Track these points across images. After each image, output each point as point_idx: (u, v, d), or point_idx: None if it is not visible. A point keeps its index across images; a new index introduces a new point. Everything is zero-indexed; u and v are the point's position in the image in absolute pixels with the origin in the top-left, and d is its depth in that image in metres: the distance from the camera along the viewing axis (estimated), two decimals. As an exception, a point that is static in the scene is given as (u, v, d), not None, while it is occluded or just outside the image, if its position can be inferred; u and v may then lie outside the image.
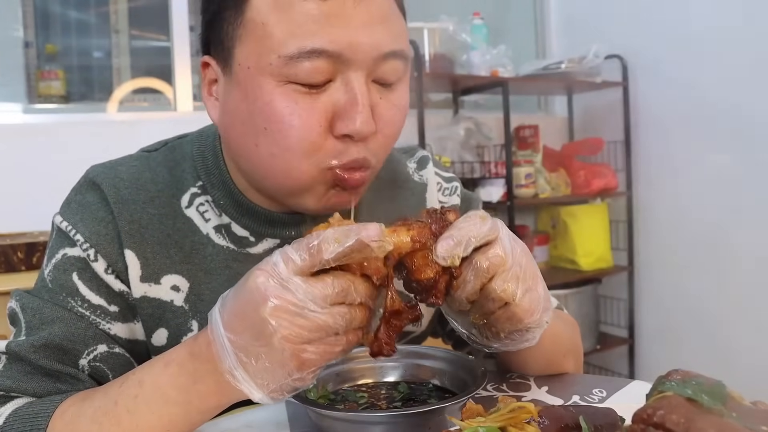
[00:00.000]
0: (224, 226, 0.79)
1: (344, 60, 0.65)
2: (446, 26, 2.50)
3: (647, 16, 2.70)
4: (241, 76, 0.68)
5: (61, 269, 0.74)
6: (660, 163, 2.71)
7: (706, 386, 0.47)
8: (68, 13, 2.47)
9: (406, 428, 0.59)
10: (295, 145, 0.67)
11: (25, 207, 1.88)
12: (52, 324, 0.71)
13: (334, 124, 0.67)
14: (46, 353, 0.69)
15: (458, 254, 0.56)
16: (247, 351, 0.53)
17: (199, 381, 0.58)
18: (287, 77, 0.65)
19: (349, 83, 0.66)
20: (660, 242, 2.73)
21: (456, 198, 0.93)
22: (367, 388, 0.74)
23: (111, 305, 0.74)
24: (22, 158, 2.03)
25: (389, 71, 0.68)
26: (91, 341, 0.72)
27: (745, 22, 2.34)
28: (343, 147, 0.68)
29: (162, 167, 0.80)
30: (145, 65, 2.56)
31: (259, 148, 0.69)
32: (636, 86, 2.76)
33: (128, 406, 0.60)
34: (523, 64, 2.72)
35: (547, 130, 2.88)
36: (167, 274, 0.76)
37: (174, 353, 0.61)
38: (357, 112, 0.65)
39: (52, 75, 2.31)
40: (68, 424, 0.62)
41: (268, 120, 0.66)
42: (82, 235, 0.74)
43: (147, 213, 0.77)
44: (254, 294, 0.53)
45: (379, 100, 0.69)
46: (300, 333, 0.52)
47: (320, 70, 0.65)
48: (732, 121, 2.40)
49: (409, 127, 2.45)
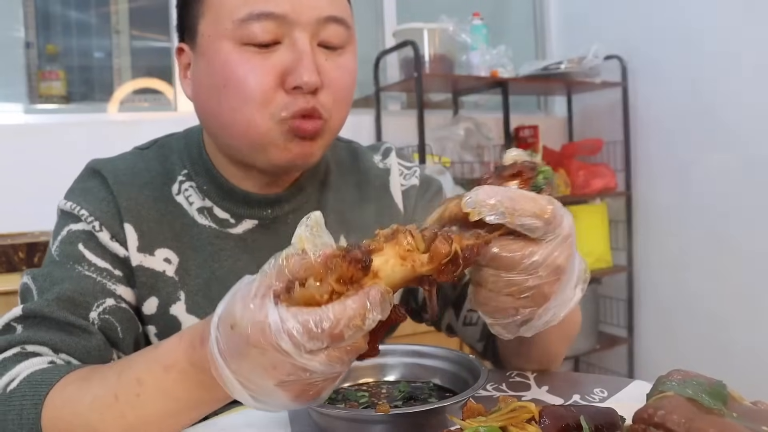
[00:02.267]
0: (207, 208, 0.87)
1: (289, 21, 0.75)
2: (446, 27, 2.50)
3: (647, 17, 2.70)
4: (203, 45, 0.78)
5: (67, 242, 0.80)
6: (659, 163, 2.71)
7: (707, 386, 0.47)
8: (69, 14, 2.47)
9: (407, 427, 0.60)
10: (250, 97, 0.75)
11: (26, 207, 1.88)
12: (62, 282, 0.76)
13: (285, 80, 0.76)
14: (59, 305, 0.74)
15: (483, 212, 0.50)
16: (252, 383, 0.50)
17: (207, 387, 0.56)
18: (241, 39, 0.75)
19: (295, 42, 0.76)
20: (659, 242, 2.73)
21: (414, 179, 0.99)
22: (367, 387, 0.74)
23: (116, 269, 0.81)
24: (23, 158, 2.04)
25: (332, 35, 0.78)
26: (100, 295, 0.78)
27: (745, 22, 2.34)
28: (293, 99, 0.76)
29: (153, 161, 0.89)
30: (146, 65, 2.56)
31: (221, 105, 0.78)
32: (635, 87, 2.76)
33: (132, 403, 0.60)
34: (522, 64, 2.71)
35: (546, 131, 2.88)
36: (160, 247, 0.84)
37: (171, 356, 0.59)
38: (303, 66, 0.75)
39: (53, 75, 2.31)
40: (66, 402, 0.62)
41: (226, 78, 0.76)
42: (87, 210, 0.81)
43: (143, 194, 0.85)
44: (250, 345, 0.48)
45: (325, 61, 0.78)
46: (298, 379, 0.49)
47: (268, 31, 0.75)
48: (731, 121, 2.40)
49: (409, 127, 2.46)
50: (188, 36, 0.82)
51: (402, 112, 2.87)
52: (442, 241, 0.48)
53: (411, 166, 1.00)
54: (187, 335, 0.58)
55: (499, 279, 0.53)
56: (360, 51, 0.85)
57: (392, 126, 2.62)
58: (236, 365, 0.49)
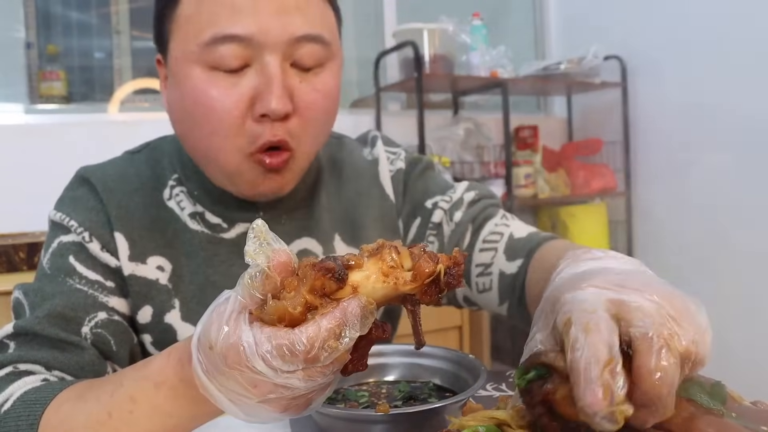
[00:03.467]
0: (199, 213, 0.84)
1: (256, 44, 0.70)
2: (446, 27, 2.50)
3: (646, 17, 2.70)
4: (173, 67, 0.74)
5: (58, 254, 0.78)
6: (659, 163, 2.72)
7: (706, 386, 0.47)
8: (69, 14, 2.47)
9: (407, 427, 0.60)
10: (217, 127, 0.71)
11: (26, 207, 1.87)
12: (53, 297, 0.74)
13: (253, 107, 0.71)
14: (50, 322, 0.72)
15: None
16: (239, 398, 0.49)
17: (198, 403, 0.55)
18: (208, 63, 0.71)
19: (264, 66, 0.70)
20: (659, 242, 2.73)
21: (400, 162, 0.96)
22: (367, 387, 0.74)
23: (107, 281, 0.79)
24: (23, 158, 2.04)
25: (306, 55, 0.72)
26: (92, 309, 0.76)
27: (745, 22, 2.34)
28: (261, 129, 0.72)
29: (144, 165, 0.87)
30: (146, 66, 2.56)
31: (192, 131, 0.75)
32: (635, 87, 2.76)
33: (125, 420, 0.59)
34: (522, 64, 2.72)
35: (546, 131, 2.88)
36: (152, 255, 0.82)
37: (161, 374, 0.57)
38: (270, 92, 0.70)
39: (54, 75, 2.31)
40: (61, 422, 0.62)
41: (194, 104, 0.72)
42: (76, 221, 0.79)
43: (133, 201, 0.82)
44: (228, 366, 0.46)
45: (299, 83, 0.73)
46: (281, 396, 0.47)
47: (235, 55, 0.70)
48: (731, 121, 2.40)
49: (409, 128, 2.46)
50: (161, 49, 0.79)
51: (402, 112, 2.87)
52: (427, 259, 0.45)
53: (396, 151, 0.97)
54: (174, 353, 0.57)
55: None
56: (360, 51, 0.84)
57: (392, 126, 2.62)
58: (220, 384, 0.48)
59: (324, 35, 0.74)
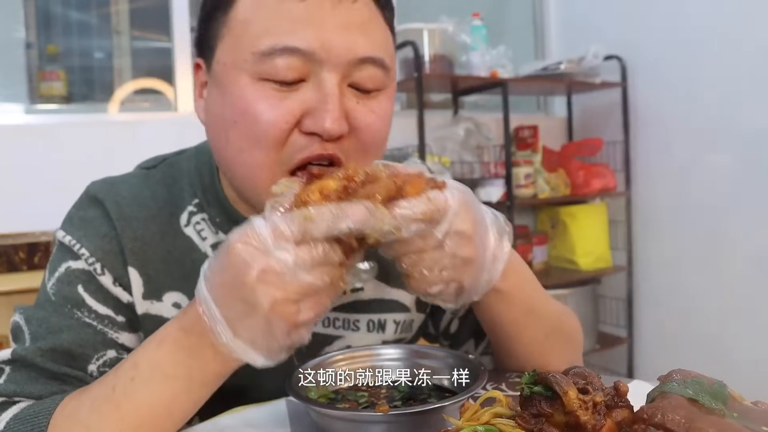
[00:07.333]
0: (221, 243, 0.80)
1: (317, 60, 0.65)
2: (446, 27, 2.50)
3: (646, 17, 2.70)
4: (219, 73, 0.69)
5: (65, 282, 0.73)
6: (659, 163, 2.72)
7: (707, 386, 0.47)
8: (70, 14, 2.47)
9: (406, 427, 0.60)
10: (261, 138, 0.66)
11: (26, 207, 1.88)
12: (59, 332, 0.70)
13: (303, 122, 0.67)
14: (53, 357, 0.69)
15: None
16: (241, 321, 0.55)
17: (196, 354, 0.58)
18: (260, 74, 0.66)
19: (321, 83, 0.66)
20: (659, 242, 2.73)
21: None
22: (367, 387, 0.74)
23: (118, 315, 0.75)
24: (23, 158, 2.04)
25: (366, 78, 0.68)
26: (101, 347, 0.72)
27: (744, 23, 2.34)
28: (307, 143, 0.67)
29: (160, 185, 0.80)
30: (146, 66, 2.56)
31: (229, 142, 0.69)
32: (635, 87, 2.76)
33: (126, 390, 0.60)
34: (522, 64, 2.72)
35: (546, 131, 2.88)
36: (169, 291, 0.77)
37: (165, 331, 0.61)
38: (326, 110, 0.65)
39: (54, 76, 2.31)
40: (68, 417, 0.62)
41: (238, 113, 0.67)
42: (87, 249, 0.74)
43: (149, 230, 0.77)
44: (239, 264, 0.54)
45: (356, 104, 0.69)
46: (289, 296, 0.54)
47: (293, 68, 0.65)
48: (731, 121, 2.40)
49: (409, 127, 2.45)
50: (205, 54, 0.73)
51: (402, 112, 2.87)
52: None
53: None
54: (180, 311, 0.61)
55: (416, 262, 0.61)
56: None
57: (392, 126, 2.61)
58: (225, 305, 0.55)
59: (386, 60, 0.70)
